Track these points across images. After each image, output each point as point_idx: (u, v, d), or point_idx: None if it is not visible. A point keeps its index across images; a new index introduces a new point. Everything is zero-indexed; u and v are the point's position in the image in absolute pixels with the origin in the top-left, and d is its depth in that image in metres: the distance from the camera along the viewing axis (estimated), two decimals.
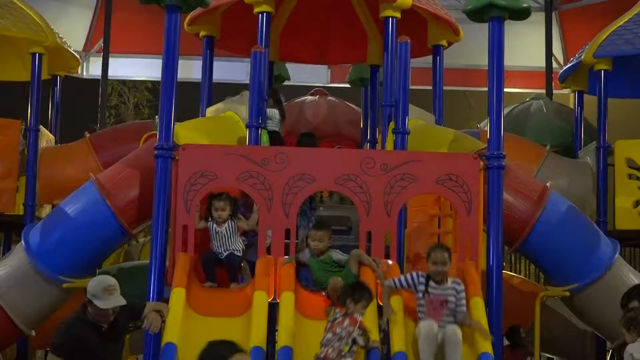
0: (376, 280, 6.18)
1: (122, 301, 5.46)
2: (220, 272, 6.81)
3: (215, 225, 6.66)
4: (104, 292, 5.37)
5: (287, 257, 6.48)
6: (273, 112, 8.39)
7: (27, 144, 9.02)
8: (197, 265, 6.71)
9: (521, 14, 6.82)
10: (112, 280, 5.55)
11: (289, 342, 5.72)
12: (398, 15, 7.71)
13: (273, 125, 8.30)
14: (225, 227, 6.65)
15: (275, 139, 8.11)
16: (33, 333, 7.76)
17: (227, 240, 6.64)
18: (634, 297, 6.41)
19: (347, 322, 5.46)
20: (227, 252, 6.64)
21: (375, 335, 5.72)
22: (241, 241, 6.72)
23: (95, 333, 5.40)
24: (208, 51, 8.77)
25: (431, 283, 5.94)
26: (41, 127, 9.26)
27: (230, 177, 6.64)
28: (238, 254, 6.65)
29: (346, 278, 6.22)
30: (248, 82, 7.46)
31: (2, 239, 10.62)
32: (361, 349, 5.59)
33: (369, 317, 5.76)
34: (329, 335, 5.51)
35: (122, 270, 8.91)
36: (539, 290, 8.17)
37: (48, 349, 6.54)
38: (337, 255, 6.51)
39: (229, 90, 10.47)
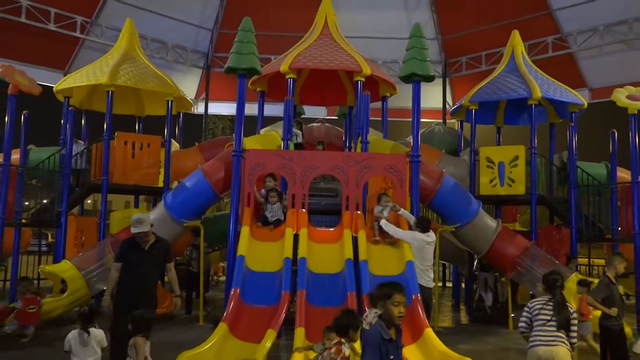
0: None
1: (146, 228, 4.53)
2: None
3: (269, 205, 6.59)
4: (135, 223, 4.54)
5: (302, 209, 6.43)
6: (297, 132, 8.32)
7: (165, 149, 8.97)
8: (253, 216, 6.66)
9: (430, 79, 6.79)
10: (141, 217, 4.63)
11: (305, 254, 5.75)
12: (363, 79, 7.65)
13: (298, 140, 8.26)
14: (276, 206, 6.59)
15: (300, 148, 8.05)
16: None
17: (276, 212, 6.56)
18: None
19: (333, 349, 3.62)
20: (274, 218, 6.52)
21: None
22: (283, 212, 6.61)
23: (135, 249, 4.59)
24: (261, 99, 8.69)
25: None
26: (172, 140, 9.22)
27: (273, 167, 6.62)
28: (282, 218, 6.54)
29: None
30: (282, 115, 7.40)
31: (151, 199, 10.63)
32: None
33: None
34: None
35: (216, 216, 8.91)
36: (438, 227, 8.07)
37: None
38: None
39: (272, 120, 10.37)
